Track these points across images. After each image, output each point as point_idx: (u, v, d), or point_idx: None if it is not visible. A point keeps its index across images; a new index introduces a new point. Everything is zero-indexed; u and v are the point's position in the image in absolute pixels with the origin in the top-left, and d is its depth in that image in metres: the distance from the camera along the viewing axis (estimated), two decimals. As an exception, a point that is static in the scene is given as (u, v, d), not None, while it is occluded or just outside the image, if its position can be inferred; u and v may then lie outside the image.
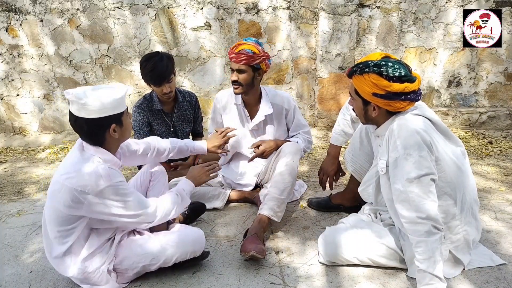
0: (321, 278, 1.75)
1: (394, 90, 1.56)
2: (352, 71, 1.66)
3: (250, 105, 2.43)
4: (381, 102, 1.61)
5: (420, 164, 1.52)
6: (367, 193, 1.93)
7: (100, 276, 1.64)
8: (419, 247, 1.52)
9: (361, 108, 1.72)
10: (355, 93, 1.70)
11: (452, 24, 4.19)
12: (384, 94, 1.58)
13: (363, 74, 1.60)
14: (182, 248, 1.74)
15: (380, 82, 1.56)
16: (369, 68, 1.58)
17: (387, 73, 1.55)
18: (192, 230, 1.86)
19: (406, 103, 1.61)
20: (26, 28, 4.17)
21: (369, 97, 1.63)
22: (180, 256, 1.74)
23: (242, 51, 2.18)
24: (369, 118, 1.73)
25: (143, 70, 2.48)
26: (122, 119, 1.62)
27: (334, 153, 2.29)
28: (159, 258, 1.71)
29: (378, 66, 1.57)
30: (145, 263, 1.71)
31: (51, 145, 4.27)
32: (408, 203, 1.54)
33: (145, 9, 4.11)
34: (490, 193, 2.62)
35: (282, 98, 2.44)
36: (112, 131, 1.59)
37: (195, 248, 1.78)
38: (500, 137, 4.02)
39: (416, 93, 1.59)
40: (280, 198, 2.10)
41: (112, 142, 1.64)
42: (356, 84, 1.66)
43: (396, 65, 1.57)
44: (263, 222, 2.04)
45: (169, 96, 2.56)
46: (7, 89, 4.40)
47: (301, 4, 4.14)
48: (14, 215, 2.52)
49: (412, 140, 1.54)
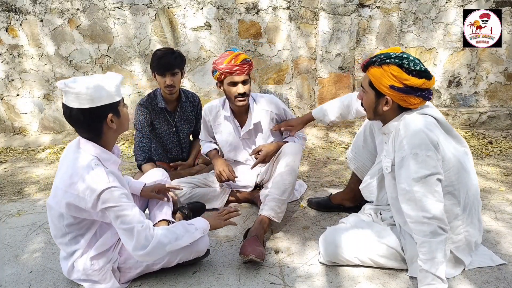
0: (321, 278, 1.75)
1: (412, 84, 1.55)
2: (371, 61, 1.63)
3: (241, 114, 2.40)
4: (396, 96, 1.59)
5: (427, 164, 1.51)
6: (369, 191, 1.93)
7: (104, 274, 1.64)
8: (423, 247, 1.52)
9: (373, 102, 1.68)
10: (369, 86, 1.67)
11: (452, 24, 4.19)
12: (402, 87, 1.56)
13: (383, 65, 1.58)
14: (186, 249, 1.71)
15: (400, 74, 1.56)
16: (391, 60, 1.57)
17: (408, 66, 1.55)
18: None
19: (419, 100, 1.60)
20: (26, 28, 4.17)
21: (386, 89, 1.60)
22: (184, 256, 1.73)
23: (244, 61, 2.15)
24: (379, 113, 1.70)
25: (152, 58, 2.54)
26: (119, 108, 1.56)
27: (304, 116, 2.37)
28: (163, 258, 1.69)
29: (400, 58, 1.56)
30: (149, 263, 1.70)
31: (51, 145, 4.27)
32: (414, 203, 1.53)
33: (145, 9, 4.12)
34: (490, 193, 2.62)
35: (269, 103, 2.39)
36: (110, 121, 1.53)
37: (200, 248, 1.76)
38: (500, 137, 4.02)
39: (430, 91, 1.60)
40: (280, 199, 2.10)
41: (109, 134, 1.58)
42: (373, 75, 1.62)
43: (417, 60, 1.58)
44: (264, 223, 2.04)
45: (171, 90, 2.56)
46: (7, 89, 4.40)
47: (301, 4, 4.14)
48: (14, 215, 2.52)
49: (418, 139, 1.53)
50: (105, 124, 1.53)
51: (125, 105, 1.64)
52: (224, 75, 2.17)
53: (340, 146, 3.88)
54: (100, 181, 1.46)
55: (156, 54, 2.52)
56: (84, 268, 1.62)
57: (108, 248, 1.65)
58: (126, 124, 1.64)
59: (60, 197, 1.53)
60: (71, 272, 1.66)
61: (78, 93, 1.45)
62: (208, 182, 2.53)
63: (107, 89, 1.49)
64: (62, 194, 1.52)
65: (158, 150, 2.82)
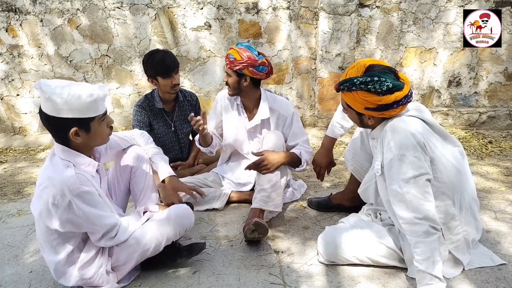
0: (321, 278, 1.75)
1: (385, 102, 1.57)
2: (339, 88, 1.66)
3: (249, 108, 2.43)
4: (375, 113, 1.64)
5: (414, 165, 1.53)
6: (367, 194, 1.93)
7: (100, 278, 1.64)
8: (418, 247, 1.53)
9: (356, 118, 1.75)
10: (347, 106, 1.72)
11: (452, 24, 4.19)
12: (376, 107, 1.60)
13: (352, 91, 1.61)
14: (170, 227, 1.70)
15: (370, 97, 1.57)
16: (356, 87, 1.58)
17: (375, 89, 1.55)
18: (176, 206, 1.81)
19: (399, 108, 1.62)
20: (26, 28, 4.17)
21: (362, 110, 1.65)
22: (171, 236, 1.71)
23: (228, 56, 2.21)
24: (365, 125, 1.76)
25: (151, 63, 2.48)
26: (91, 124, 1.48)
27: (327, 144, 2.27)
28: (151, 243, 1.67)
29: (365, 83, 1.56)
30: (140, 251, 1.68)
31: (51, 145, 4.27)
32: (405, 204, 1.55)
33: (145, 9, 4.12)
34: (490, 193, 2.62)
35: (280, 105, 2.40)
36: (73, 135, 1.46)
37: (184, 222, 1.75)
38: (500, 137, 4.02)
39: (407, 96, 1.60)
40: (267, 188, 2.12)
41: (78, 145, 1.52)
42: (347, 100, 1.67)
43: (383, 77, 1.54)
44: (255, 212, 2.10)
45: (176, 89, 2.58)
46: (7, 89, 4.40)
47: (301, 4, 4.14)
48: (14, 215, 2.52)
49: (405, 141, 1.55)
50: (69, 136, 1.47)
51: (108, 119, 1.57)
52: None
53: (340, 146, 3.88)
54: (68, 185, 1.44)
55: (154, 59, 2.47)
56: (78, 279, 1.61)
57: (94, 256, 1.63)
58: (97, 140, 1.56)
59: (35, 205, 1.52)
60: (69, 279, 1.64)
61: (48, 98, 1.40)
62: (208, 182, 2.54)
63: (78, 103, 1.41)
64: (37, 201, 1.50)
65: (158, 150, 2.82)
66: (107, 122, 1.57)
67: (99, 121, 1.51)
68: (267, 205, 2.12)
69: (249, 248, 2.02)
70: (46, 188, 1.46)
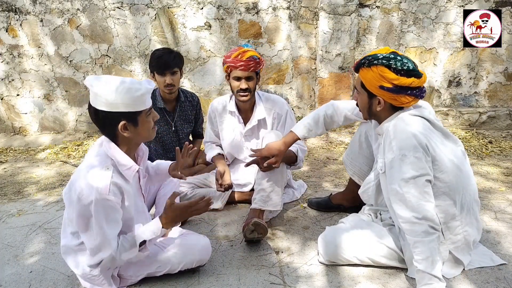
0: (321, 278, 1.75)
1: (401, 84, 1.57)
2: (360, 63, 1.66)
3: (246, 111, 2.42)
4: (387, 96, 1.62)
5: (415, 165, 1.53)
6: (368, 195, 1.93)
7: (102, 280, 1.63)
8: (417, 247, 1.53)
9: (366, 102, 1.72)
10: (361, 87, 1.71)
11: (452, 24, 4.19)
12: (391, 87, 1.59)
13: (371, 66, 1.61)
14: (189, 257, 1.72)
15: (388, 74, 1.58)
16: (378, 61, 1.59)
17: (395, 66, 1.57)
18: (199, 238, 1.81)
19: (411, 99, 1.62)
20: (26, 28, 4.17)
21: (376, 90, 1.63)
22: (185, 264, 1.73)
23: (250, 58, 2.17)
24: (373, 112, 1.73)
25: (151, 58, 2.57)
26: (139, 118, 1.50)
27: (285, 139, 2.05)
28: (165, 266, 1.70)
29: (387, 59, 1.59)
30: (150, 271, 1.70)
31: (51, 145, 4.27)
32: (404, 204, 1.55)
33: (145, 9, 4.12)
34: (490, 193, 2.62)
35: (274, 103, 2.41)
36: (122, 129, 1.49)
37: (202, 257, 1.77)
38: (500, 137, 4.02)
39: (421, 89, 1.62)
40: (266, 188, 2.12)
41: (126, 140, 1.54)
42: (363, 77, 1.66)
43: (405, 60, 1.59)
44: (255, 212, 2.11)
45: (170, 90, 2.58)
46: (7, 89, 4.40)
47: (301, 4, 4.14)
48: (14, 215, 2.52)
49: (407, 141, 1.55)
50: (118, 130, 1.50)
51: (153, 113, 1.57)
52: (230, 68, 2.22)
53: (340, 146, 3.88)
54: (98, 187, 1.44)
55: (155, 54, 2.54)
56: (83, 273, 1.62)
57: None
58: (145, 134, 1.57)
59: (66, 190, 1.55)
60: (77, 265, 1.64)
61: (96, 93, 1.43)
62: (208, 183, 2.54)
63: (127, 97, 1.44)
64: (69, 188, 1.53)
65: (158, 150, 2.82)
66: (153, 116, 1.59)
67: (146, 115, 1.53)
68: (267, 205, 2.12)
69: (249, 248, 2.02)
70: (80, 180, 1.47)
